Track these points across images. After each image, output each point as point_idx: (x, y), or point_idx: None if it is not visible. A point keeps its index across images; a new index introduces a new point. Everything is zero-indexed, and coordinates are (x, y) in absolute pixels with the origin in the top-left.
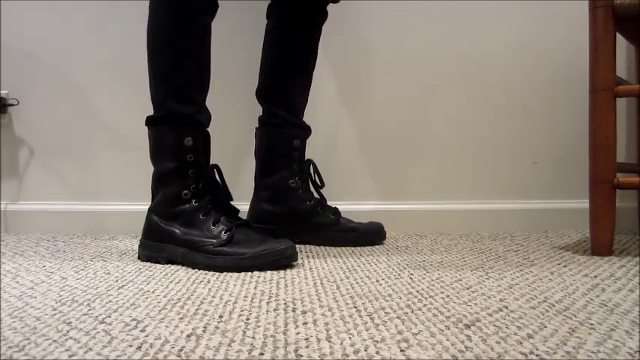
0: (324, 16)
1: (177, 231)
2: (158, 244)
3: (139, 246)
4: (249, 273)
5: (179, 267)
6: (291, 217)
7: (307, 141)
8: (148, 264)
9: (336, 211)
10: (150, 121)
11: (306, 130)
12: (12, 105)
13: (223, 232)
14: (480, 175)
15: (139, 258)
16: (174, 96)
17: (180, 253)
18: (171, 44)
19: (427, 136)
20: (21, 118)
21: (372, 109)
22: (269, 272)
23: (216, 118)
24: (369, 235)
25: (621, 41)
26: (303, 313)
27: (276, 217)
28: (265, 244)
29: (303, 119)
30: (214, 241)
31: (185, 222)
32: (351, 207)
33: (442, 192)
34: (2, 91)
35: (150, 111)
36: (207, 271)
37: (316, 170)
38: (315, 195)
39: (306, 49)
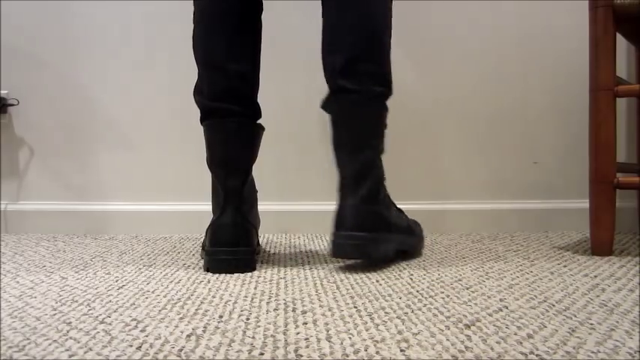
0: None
1: (396, 218)
2: (396, 235)
3: (381, 242)
4: (249, 273)
5: (179, 267)
6: None
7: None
8: (148, 263)
9: None
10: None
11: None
12: (12, 105)
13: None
14: (480, 175)
15: (380, 257)
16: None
17: (403, 240)
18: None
19: (426, 135)
20: (21, 118)
21: None
22: (269, 272)
23: None
24: None
25: (621, 41)
26: (303, 313)
27: None
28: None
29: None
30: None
31: (387, 207)
32: None
33: (442, 192)
34: (2, 91)
35: (148, 111)
36: (206, 272)
37: None
38: None
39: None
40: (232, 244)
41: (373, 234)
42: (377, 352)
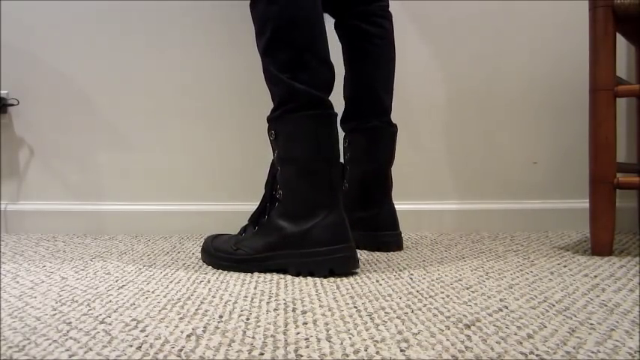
0: None
1: None
2: None
3: None
4: (249, 273)
5: (179, 267)
6: None
7: None
8: (148, 263)
9: None
10: None
11: None
12: (12, 105)
13: None
14: (480, 175)
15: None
16: None
17: None
18: None
19: (426, 135)
20: (21, 118)
21: None
22: (269, 272)
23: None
24: None
25: (621, 41)
26: (303, 313)
27: None
28: None
29: None
30: None
31: None
32: None
33: (442, 192)
34: (2, 91)
35: (148, 111)
36: (206, 272)
37: None
38: None
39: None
40: (350, 240)
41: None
42: (377, 352)
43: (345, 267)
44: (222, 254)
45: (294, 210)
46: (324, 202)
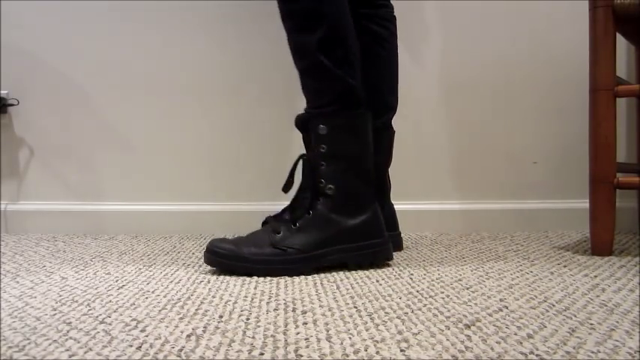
0: None
1: None
2: None
3: None
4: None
5: (179, 267)
6: None
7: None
8: (148, 263)
9: None
10: None
11: None
12: (12, 105)
13: None
14: (480, 175)
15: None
16: None
17: None
18: None
19: (426, 135)
20: (21, 118)
21: None
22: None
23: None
24: None
25: (621, 41)
26: (303, 313)
27: None
28: None
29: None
30: None
31: None
32: None
33: (442, 192)
34: (2, 91)
35: (148, 111)
36: (206, 272)
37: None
38: None
39: None
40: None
41: None
42: (377, 352)
43: (392, 256)
44: (270, 257)
45: (346, 204)
46: (371, 197)
